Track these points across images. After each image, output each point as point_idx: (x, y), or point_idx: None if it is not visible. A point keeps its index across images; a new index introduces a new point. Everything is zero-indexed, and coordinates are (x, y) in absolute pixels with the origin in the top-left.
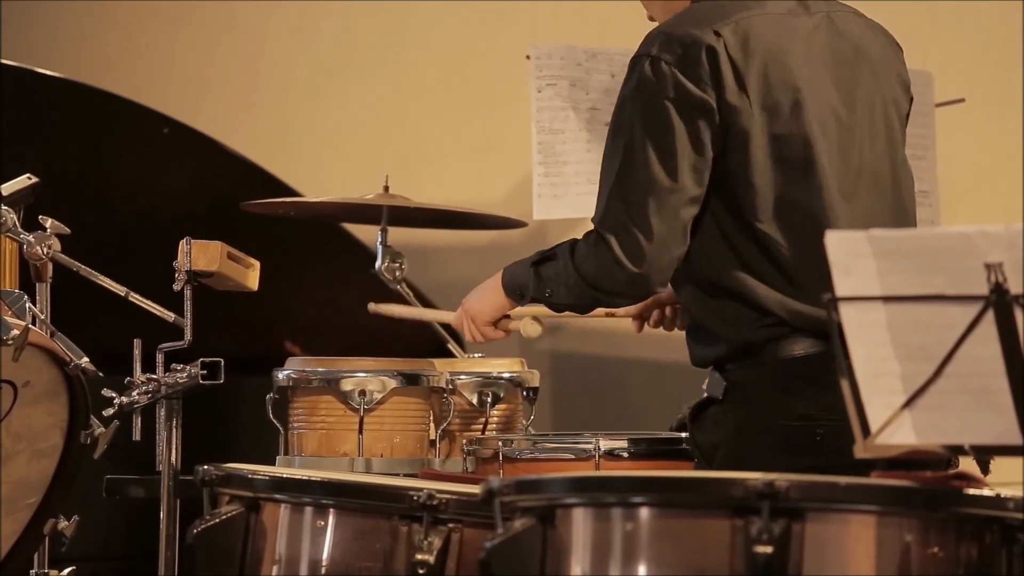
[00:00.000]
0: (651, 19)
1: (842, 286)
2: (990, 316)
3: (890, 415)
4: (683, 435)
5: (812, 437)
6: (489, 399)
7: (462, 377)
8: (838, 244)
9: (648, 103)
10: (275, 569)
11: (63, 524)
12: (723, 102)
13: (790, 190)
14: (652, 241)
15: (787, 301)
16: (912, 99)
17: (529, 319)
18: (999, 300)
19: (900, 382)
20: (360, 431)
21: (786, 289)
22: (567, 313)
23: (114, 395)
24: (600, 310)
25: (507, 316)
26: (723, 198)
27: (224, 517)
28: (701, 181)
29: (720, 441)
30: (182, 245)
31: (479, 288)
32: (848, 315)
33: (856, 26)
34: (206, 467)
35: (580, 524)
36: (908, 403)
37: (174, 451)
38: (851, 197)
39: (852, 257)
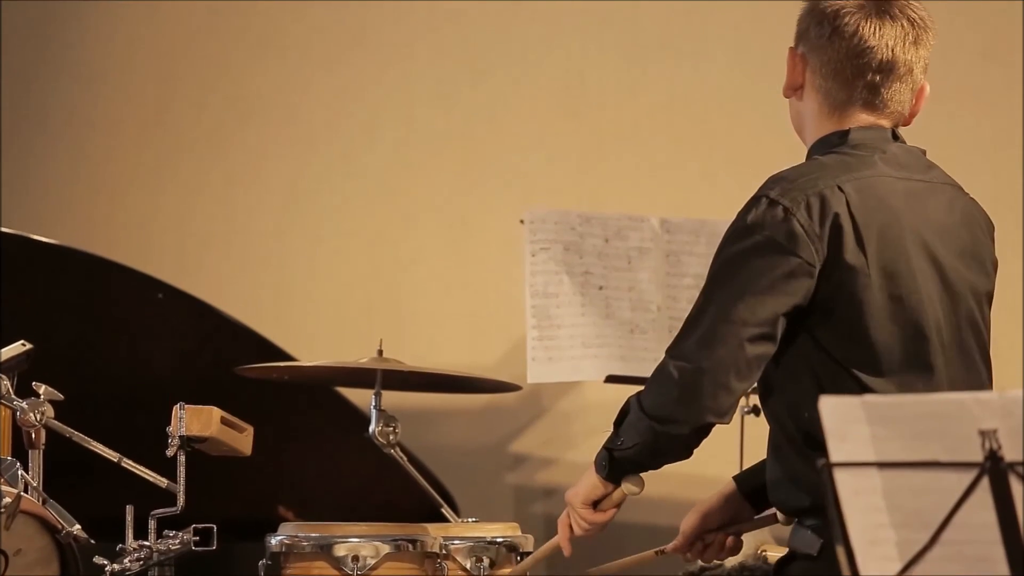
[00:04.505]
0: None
1: (837, 452)
2: (985, 483)
3: None
4: None
5: None
6: (483, 564)
7: (456, 542)
8: (833, 410)
9: (751, 240)
10: None
11: None
12: (840, 259)
13: (901, 348)
14: (708, 366)
15: None
16: (996, 274)
17: (628, 478)
18: (994, 467)
19: (895, 549)
20: None
21: None
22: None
23: (106, 562)
24: (650, 551)
25: (609, 497)
26: (828, 351)
27: None
28: (776, 323)
29: None
30: (176, 410)
31: None
32: (843, 481)
33: (957, 200)
34: None
35: None
36: (903, 571)
37: None
38: (949, 363)
39: (847, 423)
